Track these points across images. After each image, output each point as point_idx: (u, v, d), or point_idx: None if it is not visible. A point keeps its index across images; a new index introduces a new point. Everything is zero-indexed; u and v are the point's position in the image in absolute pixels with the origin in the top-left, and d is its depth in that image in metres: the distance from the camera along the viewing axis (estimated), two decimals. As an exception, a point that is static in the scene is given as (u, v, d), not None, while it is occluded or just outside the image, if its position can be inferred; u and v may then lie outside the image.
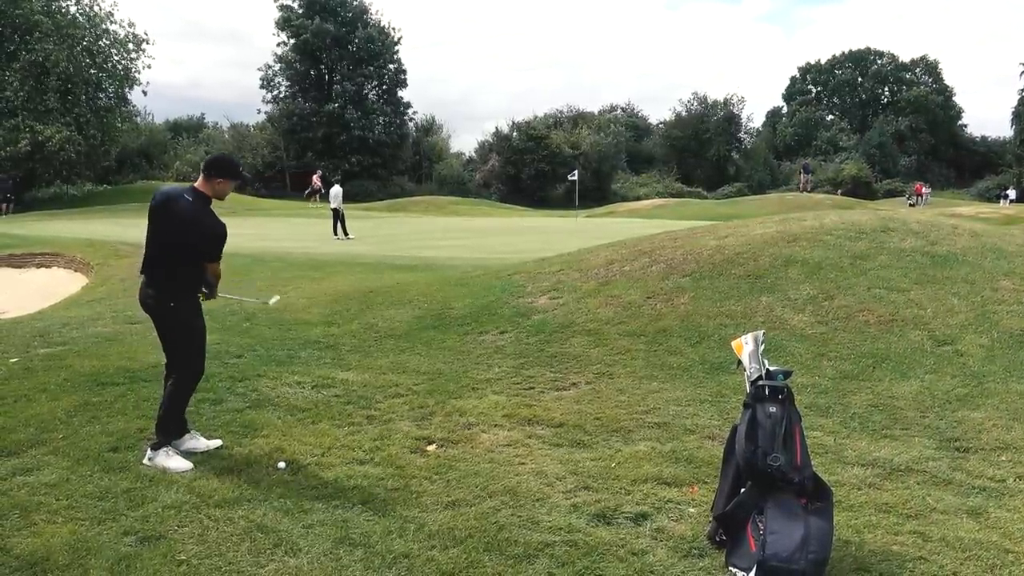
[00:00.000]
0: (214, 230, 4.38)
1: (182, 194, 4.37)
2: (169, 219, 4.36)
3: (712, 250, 8.24)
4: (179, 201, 4.34)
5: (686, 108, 69.75)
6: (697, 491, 4.03)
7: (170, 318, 4.47)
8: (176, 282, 4.42)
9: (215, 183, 4.41)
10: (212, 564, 3.30)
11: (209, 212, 4.37)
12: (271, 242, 18.83)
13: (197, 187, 4.40)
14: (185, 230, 4.32)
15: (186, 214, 4.30)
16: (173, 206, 4.34)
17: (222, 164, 4.52)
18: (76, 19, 41.22)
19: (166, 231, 4.39)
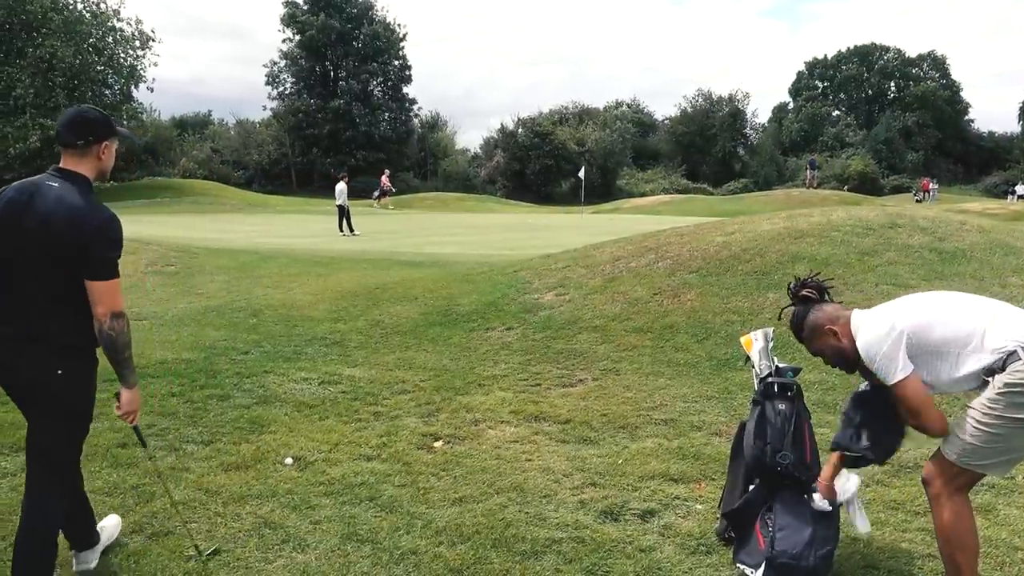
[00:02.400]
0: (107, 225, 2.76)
1: (43, 182, 2.80)
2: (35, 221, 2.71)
3: (719, 246, 8.22)
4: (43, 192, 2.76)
5: (691, 104, 69.65)
6: (704, 488, 4.02)
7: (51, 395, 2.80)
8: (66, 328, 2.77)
9: (99, 152, 2.88)
10: (221, 559, 3.31)
11: (95, 201, 2.80)
12: (277, 239, 18.88)
13: (66, 168, 2.83)
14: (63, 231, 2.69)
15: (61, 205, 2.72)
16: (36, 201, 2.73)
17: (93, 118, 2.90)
18: (83, 16, 41.35)
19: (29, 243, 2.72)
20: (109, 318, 2.70)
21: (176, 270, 11.99)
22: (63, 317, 2.75)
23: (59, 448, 2.88)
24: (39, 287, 2.74)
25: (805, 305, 3.08)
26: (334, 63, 62.04)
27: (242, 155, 60.43)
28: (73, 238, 2.68)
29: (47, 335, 2.76)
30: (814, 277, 3.17)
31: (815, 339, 3.05)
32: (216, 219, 28.59)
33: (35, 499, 2.89)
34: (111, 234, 2.76)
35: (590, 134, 59.90)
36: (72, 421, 2.88)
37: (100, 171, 2.91)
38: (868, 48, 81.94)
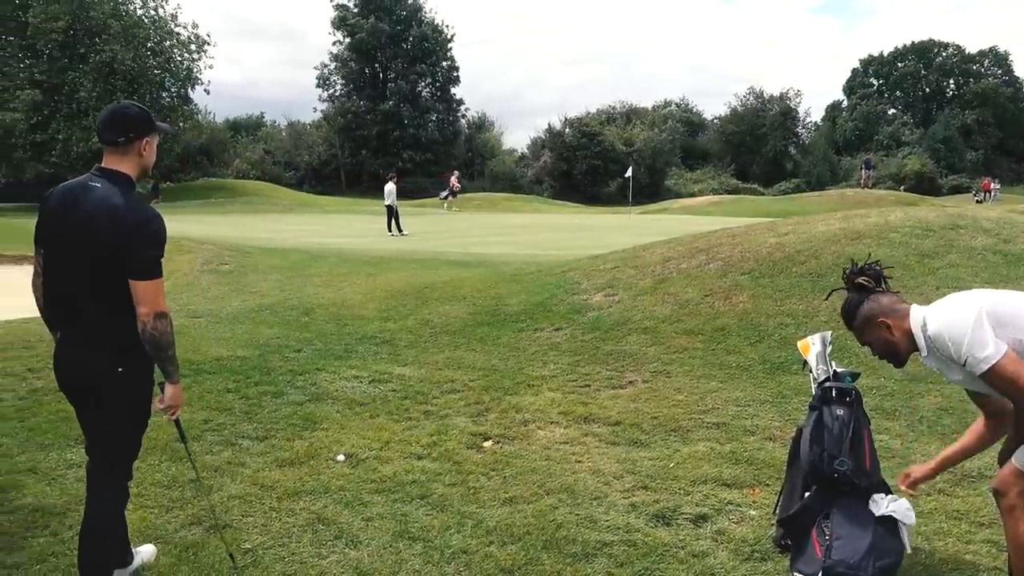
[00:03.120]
0: (149, 224, 2.76)
1: (85, 182, 2.85)
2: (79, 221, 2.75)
3: (772, 247, 8.07)
4: (86, 191, 2.80)
5: (742, 103, 68.56)
6: (758, 493, 3.96)
7: (112, 395, 2.84)
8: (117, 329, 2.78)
9: (140, 149, 2.88)
10: (276, 554, 3.37)
11: (138, 200, 2.83)
12: (327, 238, 19.16)
13: (107, 167, 2.86)
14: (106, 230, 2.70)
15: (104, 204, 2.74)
16: (80, 201, 2.78)
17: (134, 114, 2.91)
18: (142, 20, 42.57)
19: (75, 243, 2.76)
20: (152, 318, 2.71)
21: (230, 269, 12.25)
22: (115, 317, 2.75)
23: (119, 443, 2.95)
24: (89, 288, 2.76)
25: (860, 293, 2.95)
26: (383, 65, 62.72)
27: (293, 156, 61.54)
28: (113, 237, 2.68)
29: (102, 335, 2.80)
30: (872, 264, 3.01)
31: (866, 330, 2.91)
32: (268, 219, 29.16)
33: (97, 492, 2.96)
34: (152, 233, 2.74)
35: (638, 134, 59.44)
36: (132, 417, 2.93)
37: (142, 168, 2.90)
38: (926, 44, 79.64)
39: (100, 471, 2.96)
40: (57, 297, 2.87)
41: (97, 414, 2.90)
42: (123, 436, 2.94)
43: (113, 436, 2.92)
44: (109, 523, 2.96)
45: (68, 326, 2.86)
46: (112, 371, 2.79)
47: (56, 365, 2.91)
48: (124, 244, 2.68)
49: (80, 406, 2.95)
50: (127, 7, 42.47)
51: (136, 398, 2.88)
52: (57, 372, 2.92)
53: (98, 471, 2.97)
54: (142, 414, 2.93)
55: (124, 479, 3.03)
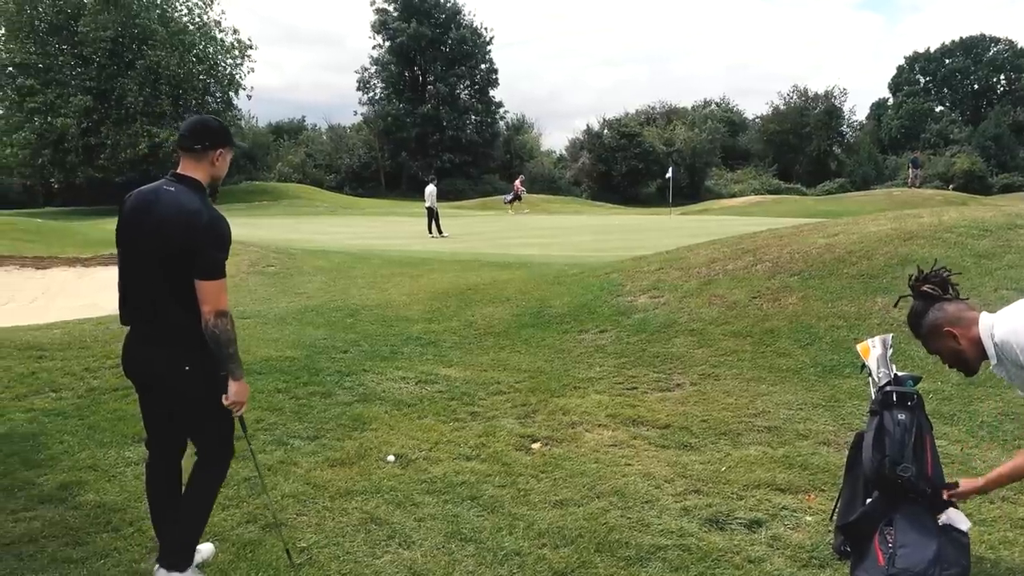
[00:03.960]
0: (216, 226, 2.90)
1: (161, 187, 2.98)
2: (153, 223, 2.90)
3: (821, 248, 7.93)
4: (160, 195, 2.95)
5: (784, 101, 67.52)
6: (814, 499, 3.88)
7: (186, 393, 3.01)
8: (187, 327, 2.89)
9: (214, 158, 3.03)
10: (331, 553, 3.40)
11: (208, 204, 2.96)
12: (369, 240, 19.35)
13: (182, 172, 3.00)
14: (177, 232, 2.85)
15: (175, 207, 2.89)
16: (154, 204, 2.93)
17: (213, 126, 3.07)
18: (187, 27, 43.52)
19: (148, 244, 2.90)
20: (214, 316, 2.83)
21: (276, 270, 12.43)
22: (183, 316, 2.87)
23: (217, 429, 3.10)
24: (162, 287, 2.89)
25: (925, 301, 2.89)
26: (423, 68, 63.14)
27: (334, 159, 62.28)
28: (184, 238, 2.82)
29: (171, 333, 2.93)
30: (939, 271, 2.95)
31: (932, 339, 2.86)
32: (310, 221, 29.54)
33: (202, 476, 3.15)
34: (219, 236, 2.88)
35: (679, 134, 58.95)
36: (207, 410, 3.02)
37: (213, 177, 3.05)
38: (975, 40, 77.61)
39: (205, 457, 3.14)
40: (130, 295, 3.00)
41: (168, 408, 3.06)
42: (202, 424, 3.08)
43: (193, 426, 3.09)
44: (207, 499, 3.16)
45: (138, 323, 3.01)
46: (179, 367, 2.91)
47: (124, 359, 3.07)
48: (193, 245, 2.82)
49: (146, 397, 3.10)
50: (173, 14, 43.46)
51: (202, 392, 2.97)
52: (125, 366, 3.08)
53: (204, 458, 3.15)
54: (214, 403, 3.00)
55: (223, 461, 3.20)
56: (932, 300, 2.87)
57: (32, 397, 5.75)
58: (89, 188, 45.77)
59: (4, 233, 17.56)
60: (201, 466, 3.15)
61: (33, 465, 4.44)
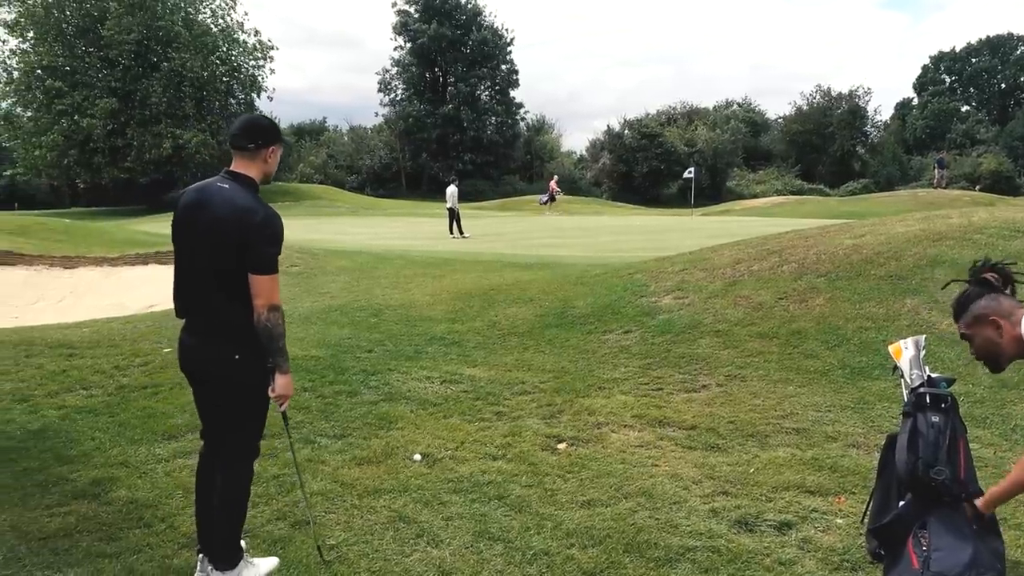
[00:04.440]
0: (269, 222, 2.97)
1: (214, 184, 3.07)
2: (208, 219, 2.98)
3: (848, 249, 7.85)
4: (214, 192, 3.03)
5: (807, 101, 66.93)
6: (844, 502, 3.84)
7: (231, 380, 3.06)
8: (237, 320, 2.97)
9: (266, 156, 3.11)
10: (360, 550, 3.42)
11: (260, 200, 3.03)
12: (391, 241, 19.42)
13: (236, 170, 3.09)
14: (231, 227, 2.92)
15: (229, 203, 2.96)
16: (208, 200, 3.01)
17: (265, 125, 3.15)
18: (210, 29, 43.97)
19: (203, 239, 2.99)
20: (267, 310, 2.91)
21: (300, 270, 12.52)
22: (235, 309, 2.95)
23: (240, 425, 3.13)
24: (214, 281, 2.97)
25: (982, 288, 2.85)
26: (444, 69, 63.31)
27: (355, 160, 62.61)
28: (240, 234, 2.89)
29: (223, 325, 3.01)
30: (1006, 264, 2.91)
31: (974, 325, 2.83)
32: (332, 222, 29.70)
33: (228, 474, 3.14)
34: (273, 231, 2.95)
35: (700, 135, 58.65)
36: (249, 400, 3.10)
37: (265, 174, 3.12)
38: (1002, 39, 76.54)
39: (227, 452, 3.14)
40: (184, 289, 3.10)
41: (216, 399, 3.11)
42: (243, 419, 3.12)
43: (234, 419, 3.11)
44: (238, 496, 3.16)
45: (191, 315, 3.10)
46: (230, 358, 2.98)
47: (179, 352, 3.16)
48: (248, 241, 2.90)
49: (199, 390, 3.18)
50: (196, 17, 43.91)
51: (251, 383, 3.05)
52: (180, 359, 3.17)
53: (227, 452, 3.14)
54: (259, 399, 3.08)
55: (254, 455, 3.22)
56: (990, 289, 2.84)
57: (64, 394, 5.84)
58: (114, 188, 46.41)
59: (34, 233, 17.84)
60: (228, 465, 3.16)
61: (66, 461, 4.50)
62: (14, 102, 41.97)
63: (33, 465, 4.44)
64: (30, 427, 5.13)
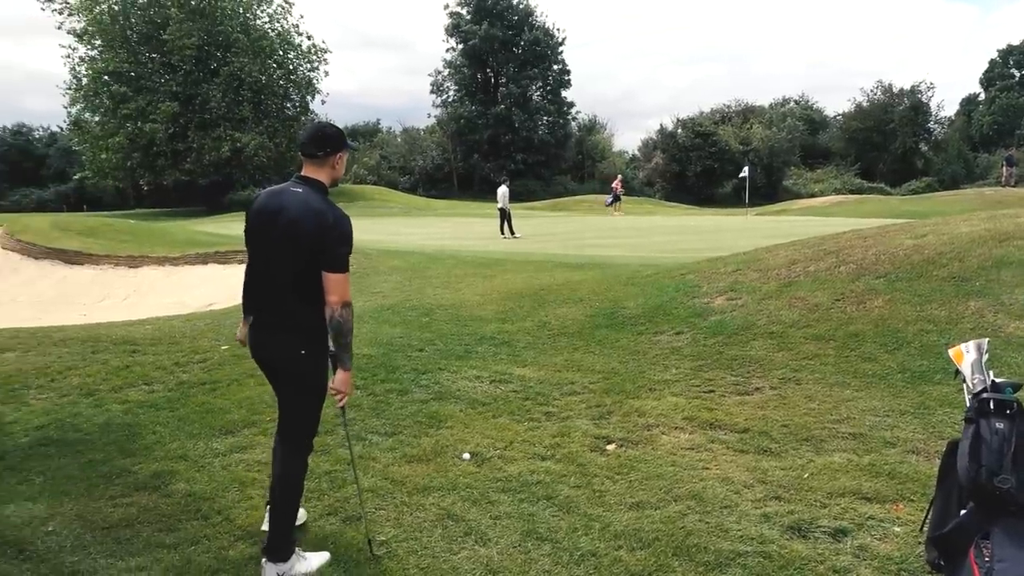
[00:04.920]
0: (340, 224, 3.15)
1: (288, 188, 3.24)
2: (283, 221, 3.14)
3: (909, 249, 7.62)
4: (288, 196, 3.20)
5: (868, 98, 65.17)
6: (903, 509, 3.74)
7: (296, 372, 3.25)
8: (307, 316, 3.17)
9: (334, 162, 3.31)
10: (408, 547, 3.46)
11: (332, 203, 3.22)
12: (442, 241, 19.57)
13: (307, 175, 3.27)
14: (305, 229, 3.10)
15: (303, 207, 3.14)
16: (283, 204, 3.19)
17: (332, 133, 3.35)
18: (267, 33, 44.95)
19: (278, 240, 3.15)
20: (340, 306, 3.08)
21: (353, 270, 12.52)
22: (305, 307, 3.12)
23: (298, 415, 3.31)
24: (286, 278, 3.14)
25: None
26: (495, 70, 63.56)
27: (408, 161, 63.29)
28: (315, 235, 3.07)
29: (293, 320, 3.18)
30: None
31: None
32: (384, 222, 30.07)
33: (284, 457, 3.31)
34: (344, 233, 3.13)
35: (755, 133, 57.66)
36: (311, 394, 3.28)
37: (333, 178, 3.32)
38: (1077, 30, 73.26)
39: (283, 441, 3.34)
40: (257, 286, 3.30)
41: (283, 389, 3.32)
42: (302, 410, 3.29)
43: (294, 409, 3.30)
44: (294, 484, 3.30)
45: (262, 311, 3.29)
46: (296, 352, 3.16)
47: (251, 345, 3.35)
48: (322, 241, 3.07)
49: (273, 377, 3.38)
50: (254, 21, 44.95)
51: (314, 376, 3.23)
52: (252, 351, 3.36)
53: (283, 441, 3.34)
54: (319, 391, 3.27)
55: (304, 451, 3.35)
56: None
57: (127, 389, 6.04)
58: (176, 190, 47.82)
59: (101, 233, 18.49)
60: (284, 457, 3.31)
61: (129, 454, 4.66)
62: (83, 107, 43.56)
63: (98, 457, 4.61)
64: (96, 420, 5.32)
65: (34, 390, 6.08)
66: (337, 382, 3.20)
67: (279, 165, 45.81)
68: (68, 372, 6.53)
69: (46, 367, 6.68)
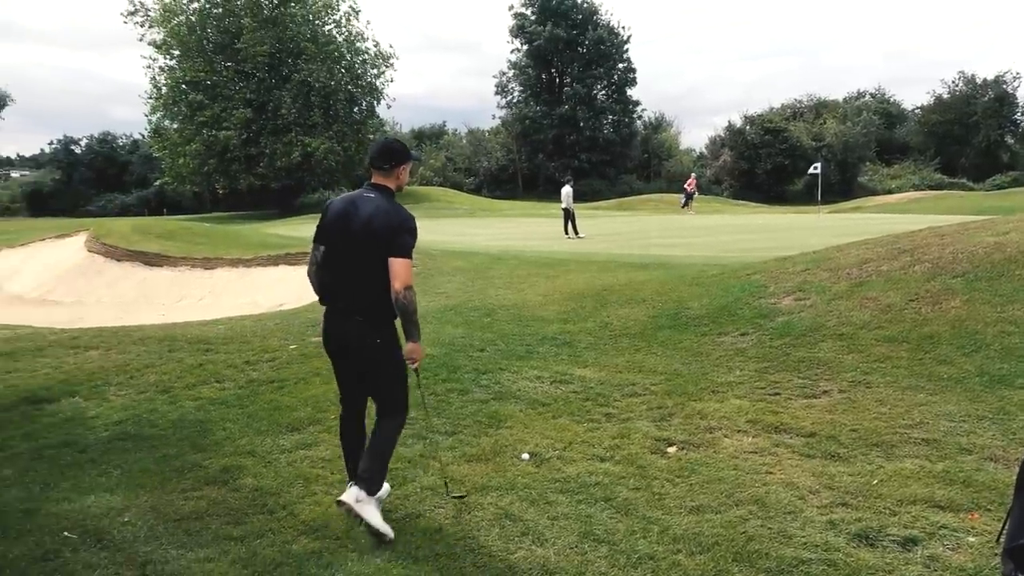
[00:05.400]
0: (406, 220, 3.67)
1: (361, 195, 3.78)
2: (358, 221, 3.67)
3: (990, 247, 7.29)
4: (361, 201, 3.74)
5: (948, 89, 62.55)
6: (978, 518, 3.58)
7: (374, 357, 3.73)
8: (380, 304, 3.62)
9: (398, 173, 3.85)
10: (466, 545, 3.49)
11: (399, 204, 3.76)
12: (506, 241, 19.64)
13: (376, 183, 3.82)
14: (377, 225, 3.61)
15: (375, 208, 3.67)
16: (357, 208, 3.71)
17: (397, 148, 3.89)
18: (335, 39, 45.94)
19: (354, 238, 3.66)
20: (403, 289, 3.54)
21: (417, 271, 12.85)
22: (375, 296, 3.60)
23: (390, 392, 3.80)
24: (360, 272, 3.65)
25: None
26: (559, 70, 63.48)
27: (473, 162, 63.77)
28: (387, 231, 3.59)
29: (366, 309, 3.66)
30: None
31: None
32: (449, 223, 30.36)
33: (385, 425, 3.81)
34: (410, 227, 3.67)
35: (829, 128, 56.02)
36: (392, 371, 3.76)
37: (398, 186, 3.89)
38: None
39: (384, 411, 3.81)
40: (333, 279, 3.75)
41: (361, 371, 3.79)
42: (390, 384, 3.79)
43: (383, 386, 3.79)
44: (392, 440, 3.84)
45: (338, 301, 3.75)
46: (372, 342, 3.69)
47: (325, 331, 3.83)
48: (392, 235, 3.58)
49: (342, 363, 3.85)
50: (323, 28, 45.98)
51: (390, 360, 3.73)
52: (324, 337, 3.84)
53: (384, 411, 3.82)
54: (399, 366, 3.75)
55: (401, 412, 3.86)
56: None
57: (200, 387, 6.26)
58: (249, 194, 49.26)
59: (179, 236, 19.23)
60: (382, 417, 3.81)
61: (200, 449, 4.83)
62: (162, 115, 45.35)
63: (171, 452, 4.79)
64: (170, 416, 5.53)
65: (114, 386, 6.36)
66: (407, 351, 3.65)
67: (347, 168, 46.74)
68: (146, 370, 6.81)
69: (126, 365, 6.98)
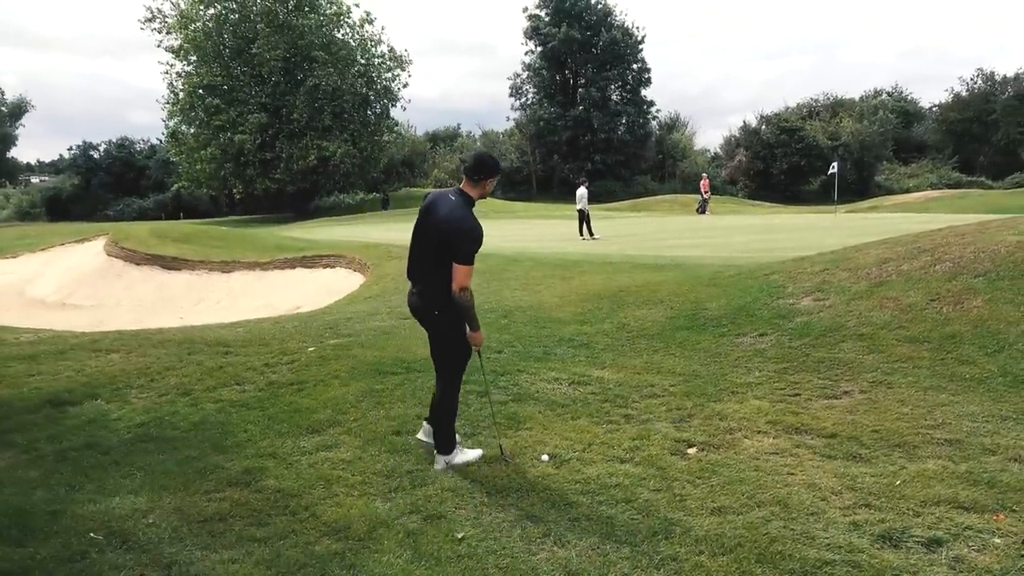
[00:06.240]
0: (472, 230, 4.18)
1: (447, 194, 4.37)
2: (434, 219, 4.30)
3: (1012, 246, 7.22)
4: (444, 200, 4.34)
5: (967, 87, 61.99)
6: (1004, 520, 3.54)
7: (435, 326, 4.41)
8: (441, 288, 4.23)
9: (485, 184, 4.39)
10: (487, 546, 3.50)
11: (470, 212, 4.27)
12: (521, 243, 19.63)
13: (463, 188, 4.38)
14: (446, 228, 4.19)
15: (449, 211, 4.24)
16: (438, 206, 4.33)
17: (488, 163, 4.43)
18: (349, 43, 46.16)
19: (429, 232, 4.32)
20: (460, 290, 4.16)
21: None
22: (439, 280, 4.20)
23: (448, 359, 4.49)
24: (432, 261, 4.26)
25: None
26: (574, 71, 63.48)
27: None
28: (452, 234, 4.16)
29: (431, 290, 4.31)
30: None
31: None
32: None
33: (440, 390, 4.52)
34: (473, 236, 4.19)
35: (845, 127, 55.64)
36: (450, 342, 4.41)
37: (481, 195, 4.41)
38: None
39: (439, 375, 4.55)
40: (414, 263, 4.47)
41: (430, 337, 4.48)
42: (446, 354, 4.47)
43: (441, 351, 4.48)
44: (447, 408, 4.51)
45: (416, 282, 4.48)
46: (432, 313, 4.36)
47: (409, 304, 4.54)
48: (456, 237, 4.15)
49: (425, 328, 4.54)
50: (336, 32, 46.23)
51: (448, 330, 4.36)
52: (410, 307, 4.54)
53: (439, 375, 4.56)
54: (458, 342, 4.40)
55: (456, 381, 4.54)
56: None
57: (220, 389, 6.31)
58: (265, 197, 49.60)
59: (197, 240, 19.38)
60: (437, 383, 4.53)
61: (221, 450, 4.87)
62: (179, 120, 45.75)
63: (193, 454, 4.83)
64: (191, 418, 5.58)
65: (136, 389, 6.42)
66: (468, 338, 4.35)
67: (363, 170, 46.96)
68: (166, 372, 6.87)
69: (147, 367, 7.05)
